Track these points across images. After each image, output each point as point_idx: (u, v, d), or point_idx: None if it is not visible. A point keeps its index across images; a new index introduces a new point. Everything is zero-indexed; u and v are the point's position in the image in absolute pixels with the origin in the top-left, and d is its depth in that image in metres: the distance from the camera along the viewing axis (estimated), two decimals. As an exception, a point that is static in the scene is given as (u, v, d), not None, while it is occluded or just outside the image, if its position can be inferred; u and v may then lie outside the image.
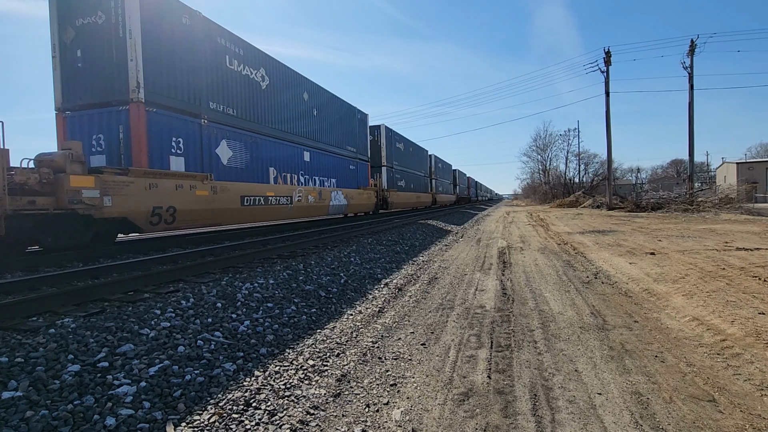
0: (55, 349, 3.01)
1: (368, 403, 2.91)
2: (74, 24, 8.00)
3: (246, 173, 10.49)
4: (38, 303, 3.80)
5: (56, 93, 8.23)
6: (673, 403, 2.79)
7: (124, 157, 7.87)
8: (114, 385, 2.74)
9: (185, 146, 8.69)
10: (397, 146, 24.30)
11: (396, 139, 23.97)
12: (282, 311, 4.65)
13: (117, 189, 6.98)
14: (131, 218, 7.26)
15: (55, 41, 8.17)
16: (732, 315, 4.46)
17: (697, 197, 25.30)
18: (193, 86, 8.92)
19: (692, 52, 27.07)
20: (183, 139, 8.62)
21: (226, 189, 9.42)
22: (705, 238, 10.92)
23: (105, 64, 7.86)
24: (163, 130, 8.17)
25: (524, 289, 6.22)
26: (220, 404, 2.76)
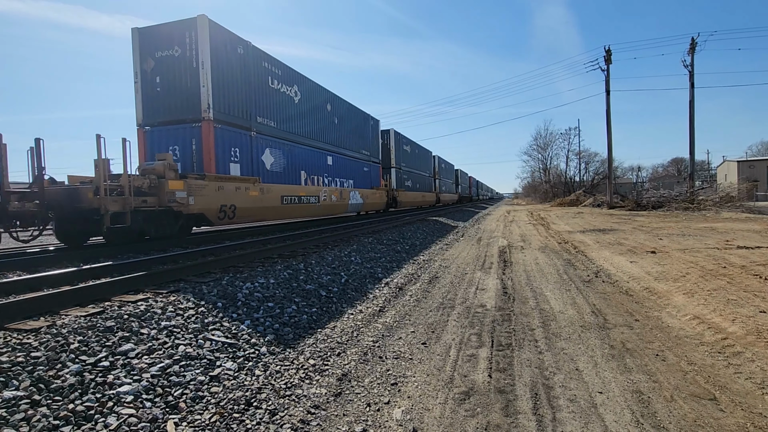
0: (56, 348, 3.01)
1: (369, 403, 2.91)
2: (154, 56, 9.65)
3: (283, 176, 12.20)
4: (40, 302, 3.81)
5: (137, 112, 9.80)
6: (674, 402, 2.79)
7: (196, 165, 9.47)
8: (116, 384, 2.75)
9: (240, 155, 10.34)
10: (405, 148, 25.55)
11: (403, 142, 25.26)
12: (283, 311, 4.65)
13: (197, 190, 8.55)
14: (206, 214, 8.92)
15: (137, 69, 9.74)
16: (733, 313, 4.46)
17: (697, 196, 25.27)
18: (246, 105, 10.53)
19: (693, 51, 27.03)
20: (239, 149, 10.29)
21: (270, 190, 11.07)
22: (706, 236, 10.90)
23: (181, 89, 9.44)
24: (225, 142, 9.81)
25: (525, 288, 6.22)
26: (221, 403, 2.77)
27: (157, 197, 7.98)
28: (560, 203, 39.93)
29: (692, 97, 26.91)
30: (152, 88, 9.72)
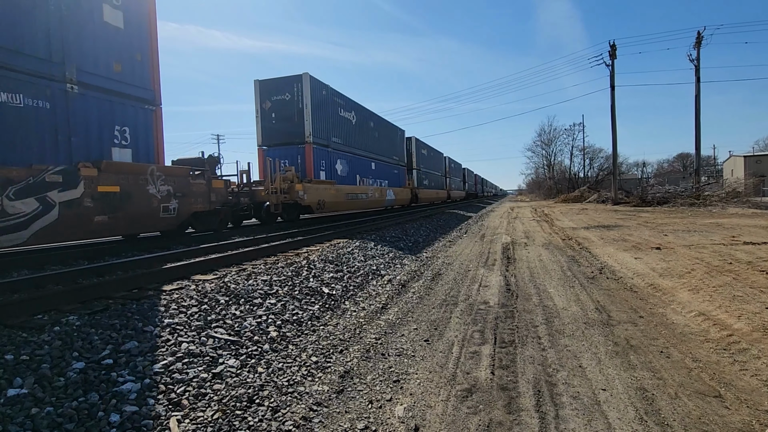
0: (60, 346, 3.03)
1: (371, 400, 2.91)
2: (271, 99, 13.96)
3: (347, 179, 16.53)
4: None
5: (258, 136, 14.21)
6: (679, 399, 2.77)
7: (301, 173, 13.42)
8: (118, 382, 2.76)
9: (324, 165, 14.71)
10: (422, 152, 29.44)
11: (422, 146, 29.29)
12: (285, 308, 4.66)
13: (307, 190, 12.76)
14: (311, 206, 13.06)
15: (257, 108, 14.09)
16: (739, 310, 4.42)
17: (703, 191, 25.07)
18: (327, 129, 14.81)
19: (699, 45, 26.74)
20: (324, 161, 14.70)
21: (340, 189, 15.39)
22: (711, 232, 10.82)
23: (290, 122, 13.71)
24: (317, 157, 14.14)
25: (528, 285, 6.19)
26: (223, 401, 2.77)
27: (290, 194, 12.27)
28: (564, 199, 39.73)
29: (698, 92, 26.65)
30: (269, 121, 14.04)
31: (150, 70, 7.73)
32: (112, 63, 6.99)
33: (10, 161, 5.50)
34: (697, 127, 26.80)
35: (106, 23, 6.81)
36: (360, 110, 17.81)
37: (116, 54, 7.07)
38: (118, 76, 7.10)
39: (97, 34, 6.71)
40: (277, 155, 13.23)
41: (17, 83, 5.63)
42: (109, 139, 6.99)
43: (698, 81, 26.66)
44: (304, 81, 13.30)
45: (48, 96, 6.00)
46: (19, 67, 5.62)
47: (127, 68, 7.28)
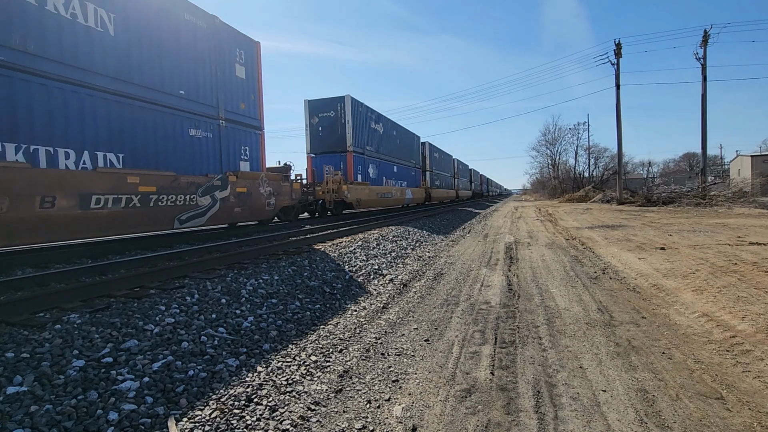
0: (61, 344, 3.04)
1: (369, 399, 2.90)
2: (318, 115, 16.95)
3: (377, 181, 19.61)
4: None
5: (307, 145, 17.11)
6: (680, 401, 2.74)
7: (344, 177, 16.14)
8: (117, 381, 2.77)
9: (360, 169, 17.65)
10: (434, 155, 32.12)
11: (434, 150, 32.08)
12: (286, 307, 4.66)
13: (350, 190, 15.67)
14: (353, 203, 16.10)
15: (306, 122, 17.03)
16: (743, 311, 4.37)
17: (709, 191, 24.86)
18: (362, 139, 17.82)
19: (705, 43, 26.50)
20: (360, 166, 17.65)
21: (373, 189, 18.49)
22: (717, 232, 10.72)
23: (334, 134, 16.74)
24: (356, 163, 17.12)
25: (530, 285, 6.16)
26: (221, 400, 2.78)
27: (338, 193, 15.27)
28: (569, 199, 39.54)
29: (704, 91, 26.43)
30: (316, 133, 17.07)
31: (258, 106, 10.91)
32: (239, 103, 10.14)
33: (198, 172, 8.57)
34: (704, 126, 26.58)
35: (237, 77, 10.01)
36: (386, 122, 21.43)
37: (241, 97, 10.20)
38: (242, 112, 10.24)
39: (233, 85, 9.84)
40: (324, 162, 16.53)
41: (201, 122, 8.76)
42: (238, 156, 10.02)
43: (705, 80, 26.44)
44: (346, 101, 16.46)
45: (212, 129, 9.12)
46: (203, 112, 8.81)
47: (247, 106, 10.44)
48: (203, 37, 8.88)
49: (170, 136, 7.93)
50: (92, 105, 6.40)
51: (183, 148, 8.23)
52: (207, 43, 8.98)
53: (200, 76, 8.75)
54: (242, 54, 10.30)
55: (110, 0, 6.64)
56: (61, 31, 5.94)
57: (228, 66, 9.65)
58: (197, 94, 8.62)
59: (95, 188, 6.21)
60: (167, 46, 7.94)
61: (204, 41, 8.92)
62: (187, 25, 8.43)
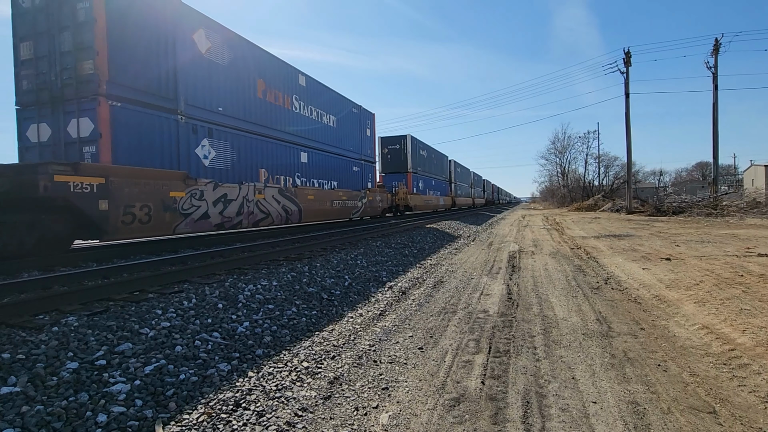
0: (56, 346, 3.10)
1: (357, 407, 2.90)
2: (387, 147, 24.60)
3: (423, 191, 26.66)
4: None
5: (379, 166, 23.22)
6: (671, 414, 2.70)
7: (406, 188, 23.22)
8: (109, 383, 2.81)
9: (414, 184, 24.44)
10: (458, 170, 39.64)
11: (457, 166, 39.48)
12: (282, 313, 4.69)
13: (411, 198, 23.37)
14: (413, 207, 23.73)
15: (379, 152, 23.45)
16: (744, 324, 4.29)
17: (721, 201, 24.46)
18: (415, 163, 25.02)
19: (716, 52, 26.27)
20: (414, 181, 24.72)
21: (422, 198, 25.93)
22: (726, 243, 10.54)
23: (398, 160, 24.35)
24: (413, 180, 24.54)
25: (530, 294, 6.12)
26: (210, 404, 2.80)
27: (404, 200, 22.30)
28: (578, 208, 39.20)
29: (716, 100, 26.14)
30: (386, 159, 24.51)
31: (374, 150, 19.08)
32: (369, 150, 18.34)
33: (356, 189, 16.63)
34: (715, 135, 26.24)
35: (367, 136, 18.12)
36: (428, 148, 28.86)
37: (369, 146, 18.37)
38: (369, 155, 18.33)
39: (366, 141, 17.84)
40: (392, 179, 23.98)
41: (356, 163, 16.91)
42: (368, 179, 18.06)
43: (716, 89, 26.16)
44: (407, 138, 24.41)
45: (360, 166, 17.23)
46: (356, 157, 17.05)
47: (370, 151, 18.49)
48: (356, 117, 17.11)
49: (348, 171, 16.16)
50: (324, 159, 14.20)
51: (351, 177, 16.43)
52: (357, 120, 17.19)
53: (356, 138, 16.99)
54: (369, 122, 18.42)
55: (334, 110, 14.99)
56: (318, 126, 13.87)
57: (364, 130, 17.84)
58: (354, 148, 16.81)
59: (334, 197, 14.58)
60: (347, 126, 16.18)
61: (357, 119, 17.16)
62: (352, 114, 16.76)
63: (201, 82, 8.75)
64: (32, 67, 7.30)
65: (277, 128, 11.38)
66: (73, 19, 6.89)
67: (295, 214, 11.83)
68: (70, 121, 6.96)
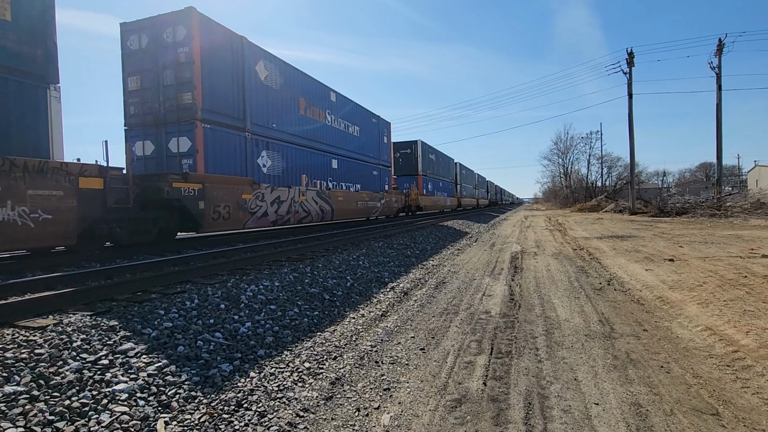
0: (59, 346, 3.12)
1: (359, 407, 2.90)
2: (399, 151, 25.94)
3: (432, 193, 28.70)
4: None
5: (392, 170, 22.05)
6: (674, 416, 2.69)
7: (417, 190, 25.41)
8: (112, 383, 2.82)
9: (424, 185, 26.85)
10: (463, 172, 41.10)
11: (462, 168, 40.99)
12: (284, 313, 4.70)
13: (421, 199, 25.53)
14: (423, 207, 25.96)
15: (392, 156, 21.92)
16: (748, 325, 4.27)
17: (725, 202, 24.34)
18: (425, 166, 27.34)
19: (720, 52, 26.15)
20: (424, 183, 26.83)
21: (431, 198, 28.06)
22: (730, 244, 10.49)
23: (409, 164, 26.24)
24: (423, 181, 26.63)
25: (533, 295, 6.11)
26: (212, 404, 2.81)
27: (416, 201, 24.53)
28: (580, 208, 39.09)
29: (719, 100, 26.01)
30: (397, 162, 25.20)
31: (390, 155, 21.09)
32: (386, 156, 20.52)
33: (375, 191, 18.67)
34: (719, 136, 26.12)
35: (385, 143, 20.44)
36: (437, 152, 30.86)
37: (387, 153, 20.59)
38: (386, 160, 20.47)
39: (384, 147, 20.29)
40: (403, 181, 25.40)
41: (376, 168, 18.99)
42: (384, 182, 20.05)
43: (719, 89, 26.03)
44: (418, 143, 26.21)
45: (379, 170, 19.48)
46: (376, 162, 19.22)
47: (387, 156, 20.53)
48: (375, 127, 19.06)
49: (369, 175, 18.00)
50: (349, 165, 16.02)
51: (371, 180, 18.23)
52: (376, 129, 19.14)
53: (375, 145, 18.93)
54: (385, 130, 20.51)
55: (357, 122, 16.82)
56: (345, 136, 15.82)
57: (381, 137, 19.86)
58: (374, 154, 18.72)
59: (359, 198, 16.37)
60: (368, 135, 18.07)
61: (376, 128, 19.13)
62: (372, 123, 18.67)
63: (261, 104, 10.70)
64: (138, 97, 9.14)
65: (315, 139, 13.48)
66: (175, 60, 8.71)
67: (328, 213, 13.78)
68: (171, 139, 8.89)
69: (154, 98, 8.97)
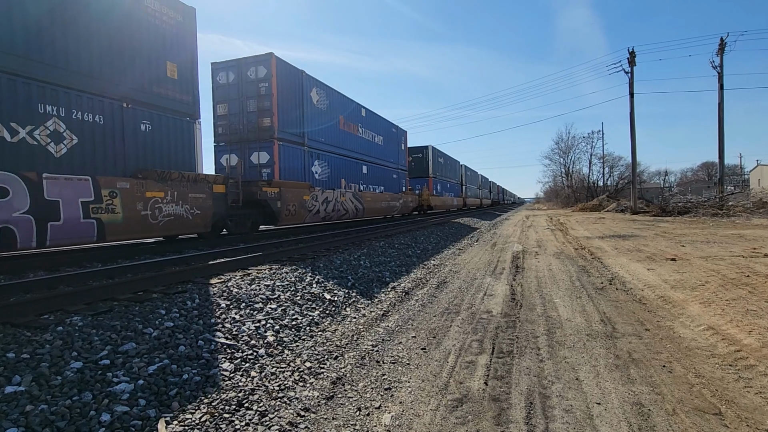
0: (60, 346, 3.12)
1: (360, 407, 2.90)
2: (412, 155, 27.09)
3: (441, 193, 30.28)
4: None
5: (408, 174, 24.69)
6: (676, 416, 2.68)
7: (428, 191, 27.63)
8: (113, 382, 2.82)
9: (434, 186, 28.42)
10: (468, 173, 43.15)
11: (467, 170, 43.25)
12: (285, 313, 4.69)
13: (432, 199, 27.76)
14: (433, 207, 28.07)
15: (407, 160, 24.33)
16: (750, 324, 4.25)
17: (727, 201, 24.27)
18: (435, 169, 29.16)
19: (722, 51, 26.08)
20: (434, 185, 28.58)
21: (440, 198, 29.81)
22: (732, 243, 10.46)
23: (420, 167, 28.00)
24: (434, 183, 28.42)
25: (534, 295, 6.09)
26: (213, 404, 2.81)
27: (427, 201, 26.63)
28: (582, 208, 39.02)
29: (721, 100, 25.95)
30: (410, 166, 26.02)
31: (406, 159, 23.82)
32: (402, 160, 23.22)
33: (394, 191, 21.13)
34: (721, 135, 26.06)
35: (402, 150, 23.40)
36: (445, 156, 32.81)
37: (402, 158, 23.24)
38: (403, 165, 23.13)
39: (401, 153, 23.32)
40: (415, 182, 27.14)
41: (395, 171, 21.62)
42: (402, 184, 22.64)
43: (721, 88, 25.97)
44: (429, 148, 28.07)
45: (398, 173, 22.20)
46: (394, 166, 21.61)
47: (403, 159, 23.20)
48: (394, 135, 21.42)
49: (390, 178, 20.38)
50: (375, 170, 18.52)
51: (392, 182, 20.60)
52: (395, 137, 21.50)
53: (394, 152, 21.39)
54: (402, 138, 22.96)
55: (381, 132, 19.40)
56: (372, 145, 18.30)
57: (399, 144, 22.22)
58: (393, 160, 21.13)
59: (383, 199, 18.98)
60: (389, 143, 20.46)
61: (395, 137, 21.52)
62: (392, 133, 21.07)
63: (314, 123, 13.44)
64: (226, 120, 11.83)
65: (350, 149, 16.25)
66: (257, 93, 11.42)
67: (360, 211, 16.62)
68: (253, 153, 11.61)
69: (238, 122, 11.64)
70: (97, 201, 6.59)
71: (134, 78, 7.51)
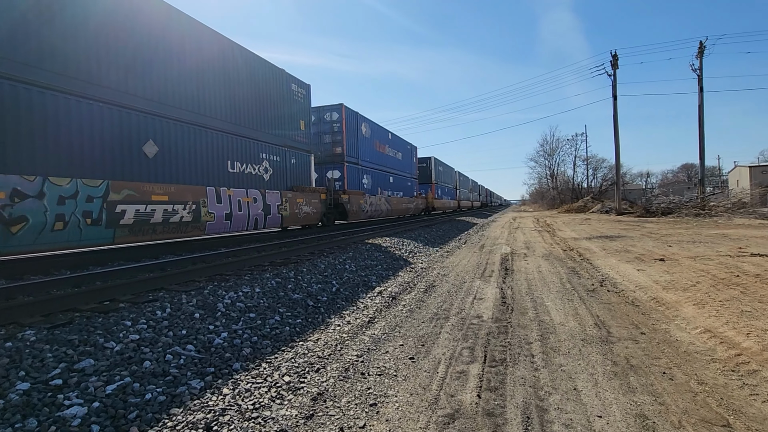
0: (6, 365, 2.79)
1: (342, 426, 2.64)
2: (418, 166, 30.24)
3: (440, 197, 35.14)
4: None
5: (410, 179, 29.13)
6: (683, 429, 2.49)
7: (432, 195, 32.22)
8: (64, 406, 2.51)
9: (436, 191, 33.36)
10: (461, 178, 47.43)
11: (461, 175, 47.64)
12: (264, 322, 4.40)
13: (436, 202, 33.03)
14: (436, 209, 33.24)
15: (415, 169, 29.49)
16: (747, 326, 4.12)
17: (708, 201, 24.66)
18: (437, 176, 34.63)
19: (701, 54, 26.57)
20: (436, 190, 33.41)
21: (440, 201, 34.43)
22: (717, 243, 10.49)
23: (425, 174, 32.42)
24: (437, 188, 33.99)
25: (525, 298, 5.91)
26: (177, 428, 2.52)
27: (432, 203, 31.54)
28: (568, 209, 39.37)
29: (701, 102, 26.41)
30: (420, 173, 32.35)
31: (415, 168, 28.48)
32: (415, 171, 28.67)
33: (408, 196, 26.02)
34: (701, 137, 26.51)
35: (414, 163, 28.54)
36: (443, 164, 36.69)
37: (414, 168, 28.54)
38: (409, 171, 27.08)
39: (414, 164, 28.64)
40: (421, 188, 30.10)
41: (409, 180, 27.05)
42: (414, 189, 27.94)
43: (701, 91, 26.44)
44: (432, 159, 32.23)
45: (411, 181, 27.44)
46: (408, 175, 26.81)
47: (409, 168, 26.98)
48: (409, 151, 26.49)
49: (405, 185, 25.44)
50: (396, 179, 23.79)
51: (407, 188, 25.59)
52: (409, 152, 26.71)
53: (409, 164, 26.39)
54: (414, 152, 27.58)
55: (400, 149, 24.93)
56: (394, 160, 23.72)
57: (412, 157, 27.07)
58: (408, 170, 25.98)
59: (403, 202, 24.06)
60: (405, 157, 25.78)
61: (409, 152, 26.64)
62: (407, 149, 26.35)
63: (363, 148, 18.49)
64: None
65: (382, 164, 21.42)
66: (331, 130, 16.45)
67: (390, 212, 21.26)
68: (328, 171, 16.31)
69: (318, 149, 16.03)
70: (282, 204, 11.45)
71: (290, 134, 12.43)
